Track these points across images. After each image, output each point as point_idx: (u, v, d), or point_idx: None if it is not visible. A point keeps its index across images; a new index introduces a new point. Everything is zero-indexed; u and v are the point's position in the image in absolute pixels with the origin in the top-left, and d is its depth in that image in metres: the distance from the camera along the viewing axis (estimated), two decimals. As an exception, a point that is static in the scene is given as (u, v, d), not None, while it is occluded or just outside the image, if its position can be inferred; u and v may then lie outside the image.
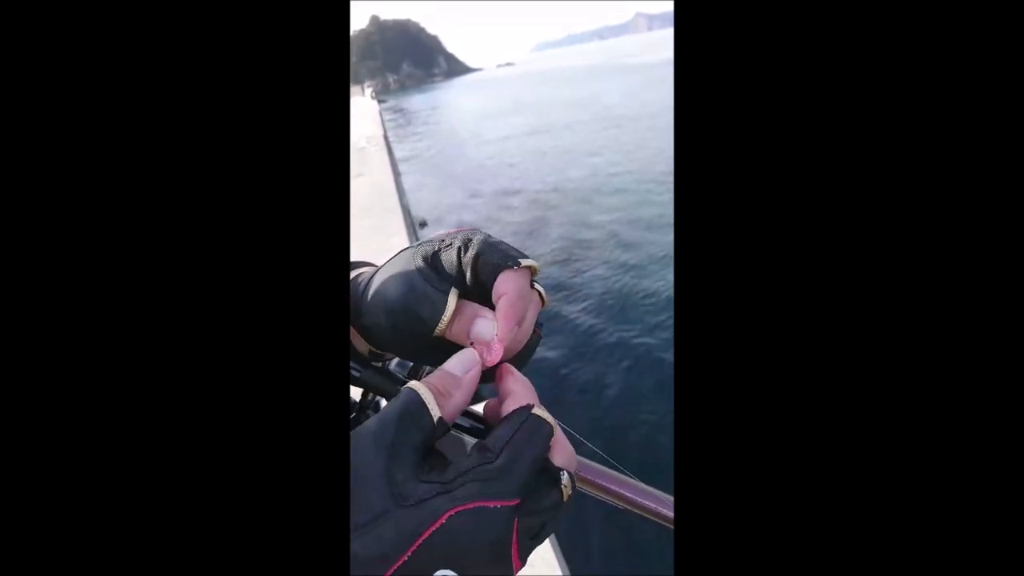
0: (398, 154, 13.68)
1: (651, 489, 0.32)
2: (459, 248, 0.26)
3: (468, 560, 0.20)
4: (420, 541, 0.19)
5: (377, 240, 4.58)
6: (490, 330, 0.25)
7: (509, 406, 0.24)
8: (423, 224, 7.48)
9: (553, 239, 6.72)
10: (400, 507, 0.20)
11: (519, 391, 0.25)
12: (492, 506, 0.20)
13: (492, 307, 0.26)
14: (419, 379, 0.25)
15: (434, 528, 0.19)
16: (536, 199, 8.61)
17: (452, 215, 8.67)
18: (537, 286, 0.27)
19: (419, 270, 0.26)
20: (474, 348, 0.25)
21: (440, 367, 0.25)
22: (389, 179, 7.42)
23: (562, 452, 0.24)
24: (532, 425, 0.23)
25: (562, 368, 4.04)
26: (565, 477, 0.23)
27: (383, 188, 6.81)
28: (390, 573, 0.19)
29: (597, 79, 33.22)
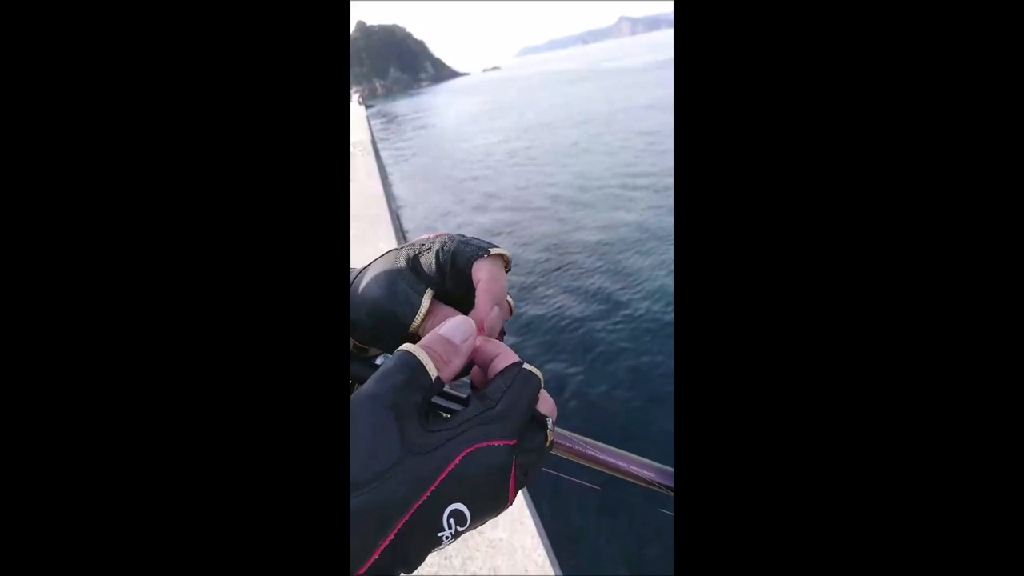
0: (386, 160, 13.65)
1: (647, 460, 0.34)
2: (437, 251, 0.29)
3: (476, 493, 0.22)
4: (437, 482, 0.21)
5: (365, 247, 4.58)
6: (459, 330, 0.28)
7: (499, 364, 0.27)
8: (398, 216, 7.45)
9: (540, 242, 6.75)
10: (414, 455, 0.21)
11: (504, 352, 0.27)
12: (496, 445, 0.23)
13: (469, 301, 0.29)
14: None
15: (449, 469, 0.22)
16: (524, 204, 8.64)
17: (440, 220, 8.68)
18: (507, 297, 0.29)
19: (400, 271, 0.29)
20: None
21: (435, 330, 0.26)
22: (377, 184, 7.41)
23: (545, 403, 0.27)
24: (524, 377, 0.26)
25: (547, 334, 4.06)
26: (549, 423, 0.27)
27: (371, 194, 6.80)
28: (409, 514, 0.21)
29: (582, 83, 33.45)
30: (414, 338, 0.28)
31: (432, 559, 1.69)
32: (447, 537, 0.22)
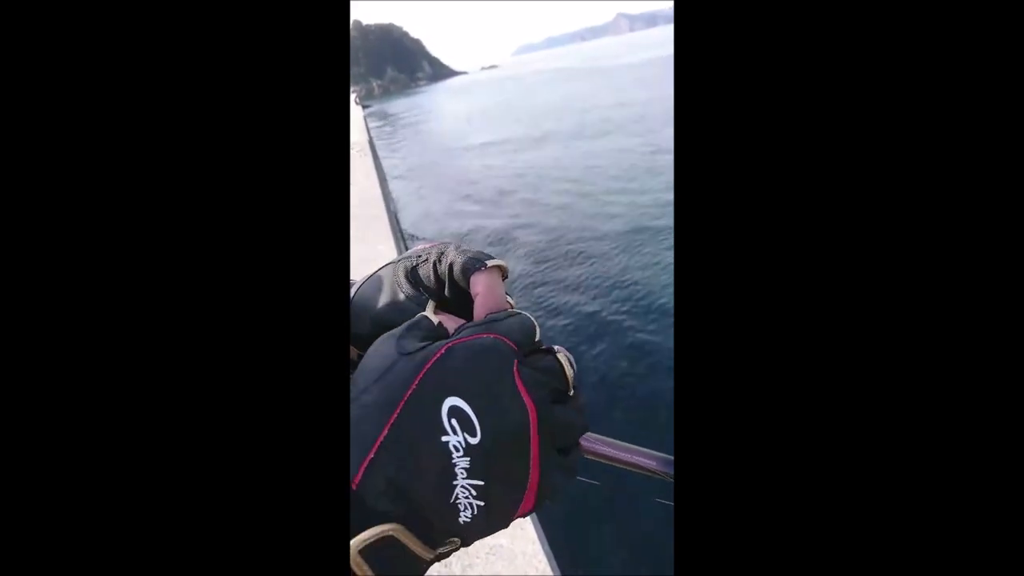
0: (384, 160, 13.62)
1: (647, 450, 0.35)
2: (434, 262, 0.29)
3: (470, 383, 0.21)
4: (422, 374, 0.21)
5: (362, 248, 4.56)
6: None
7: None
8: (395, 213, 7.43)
9: (536, 241, 6.73)
10: (403, 355, 0.22)
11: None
12: (484, 336, 0.23)
13: (470, 310, 0.29)
14: None
15: (433, 360, 0.22)
16: (522, 202, 8.62)
17: (439, 221, 8.65)
18: (508, 298, 0.29)
19: (400, 284, 0.29)
20: None
21: None
22: (374, 185, 7.39)
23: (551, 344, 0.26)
24: (514, 313, 0.26)
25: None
26: (562, 353, 0.25)
27: (368, 195, 6.78)
28: (401, 405, 0.21)
29: (581, 81, 33.38)
30: None
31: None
32: (456, 447, 0.20)
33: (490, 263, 0.28)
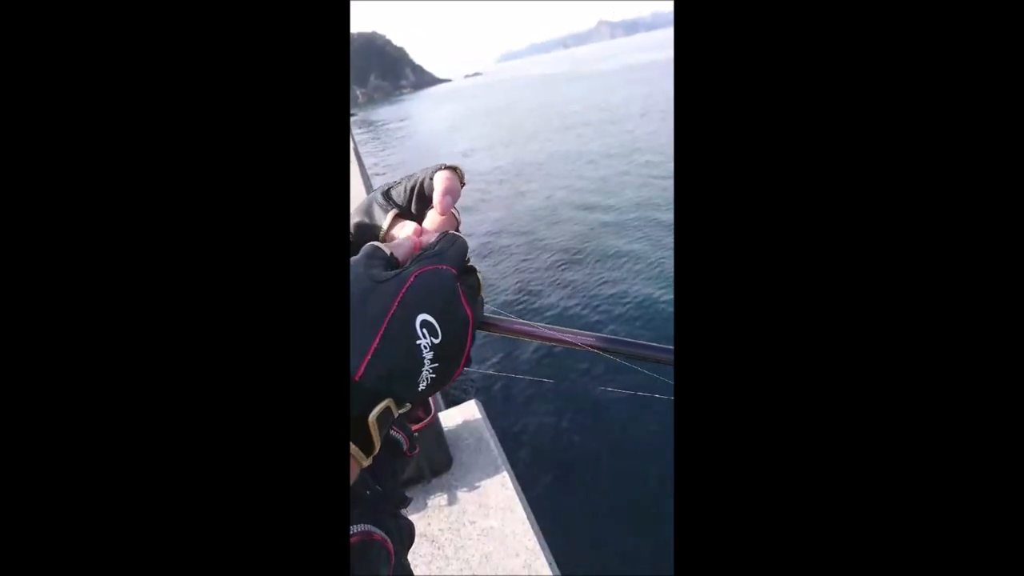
0: (370, 169, 13.60)
1: (638, 340, 0.39)
2: (404, 184, 0.40)
3: (436, 304, 0.30)
4: (401, 294, 0.29)
5: (352, 253, 4.58)
6: (407, 231, 0.37)
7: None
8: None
9: (526, 242, 6.81)
10: (380, 283, 0.29)
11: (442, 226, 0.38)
12: (441, 268, 0.32)
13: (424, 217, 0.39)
14: None
15: (408, 283, 0.29)
16: (510, 205, 8.70)
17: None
18: (454, 209, 0.39)
19: (375, 199, 0.41)
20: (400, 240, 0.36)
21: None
22: (360, 192, 7.42)
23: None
24: (452, 235, 0.35)
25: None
26: (479, 271, 0.36)
27: (354, 199, 6.79)
28: (387, 321, 0.28)
29: (565, 86, 33.68)
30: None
31: (425, 549, 1.73)
32: (426, 347, 0.28)
33: (448, 165, 0.38)
